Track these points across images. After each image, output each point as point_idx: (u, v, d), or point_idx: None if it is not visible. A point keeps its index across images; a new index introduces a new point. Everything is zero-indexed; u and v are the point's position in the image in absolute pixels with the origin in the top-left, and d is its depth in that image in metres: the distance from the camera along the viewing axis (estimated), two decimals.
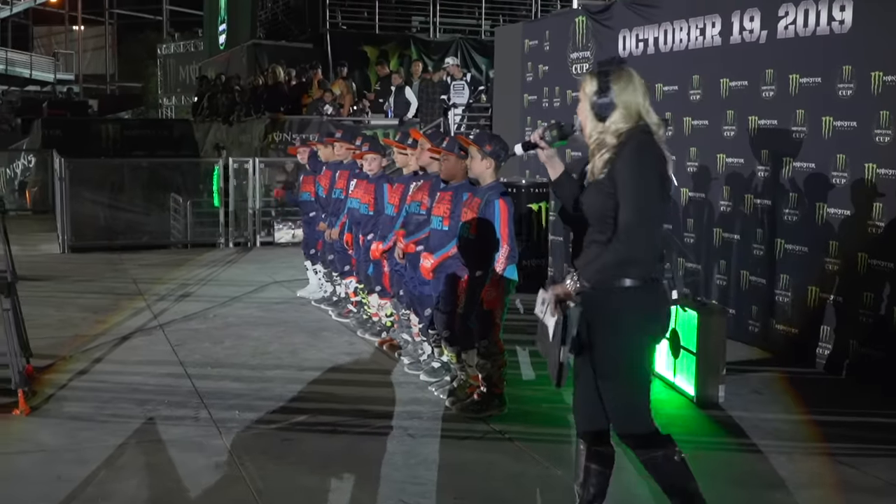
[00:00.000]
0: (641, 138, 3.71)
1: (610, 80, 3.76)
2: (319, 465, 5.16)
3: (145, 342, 7.96)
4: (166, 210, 16.09)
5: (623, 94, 3.75)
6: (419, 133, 7.12)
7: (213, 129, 21.93)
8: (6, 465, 5.11)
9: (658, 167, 3.68)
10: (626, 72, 3.81)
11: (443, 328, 6.36)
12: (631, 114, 3.75)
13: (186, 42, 36.09)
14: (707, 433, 5.90)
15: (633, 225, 3.60)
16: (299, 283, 10.38)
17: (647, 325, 3.79)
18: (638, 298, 3.71)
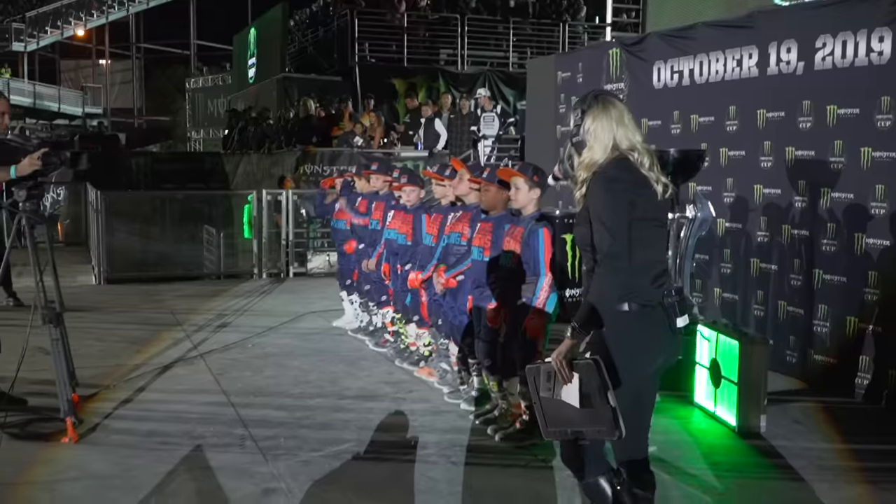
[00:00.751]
0: (607, 170, 3.74)
1: (584, 114, 3.85)
2: (366, 492, 5.25)
3: (187, 371, 8.08)
4: (199, 241, 16.28)
5: (596, 128, 3.81)
6: (460, 163, 7.23)
7: (244, 162, 22.19)
8: (59, 492, 5.21)
9: (626, 194, 3.68)
10: (601, 103, 3.85)
11: (484, 357, 6.45)
12: (605, 146, 3.79)
13: (214, 76, 36.59)
14: (750, 462, 5.94)
15: (605, 254, 3.64)
16: (334, 313, 10.50)
17: (640, 351, 3.74)
18: (629, 323, 3.70)
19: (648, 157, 3.81)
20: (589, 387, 3.57)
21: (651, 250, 3.77)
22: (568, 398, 3.61)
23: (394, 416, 6.73)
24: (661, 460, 5.81)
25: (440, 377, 7.56)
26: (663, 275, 3.80)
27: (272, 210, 14.63)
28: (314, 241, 14.74)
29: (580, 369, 3.59)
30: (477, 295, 6.49)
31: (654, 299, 3.73)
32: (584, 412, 3.60)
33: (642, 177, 3.76)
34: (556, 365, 3.63)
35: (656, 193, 3.77)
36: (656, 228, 3.81)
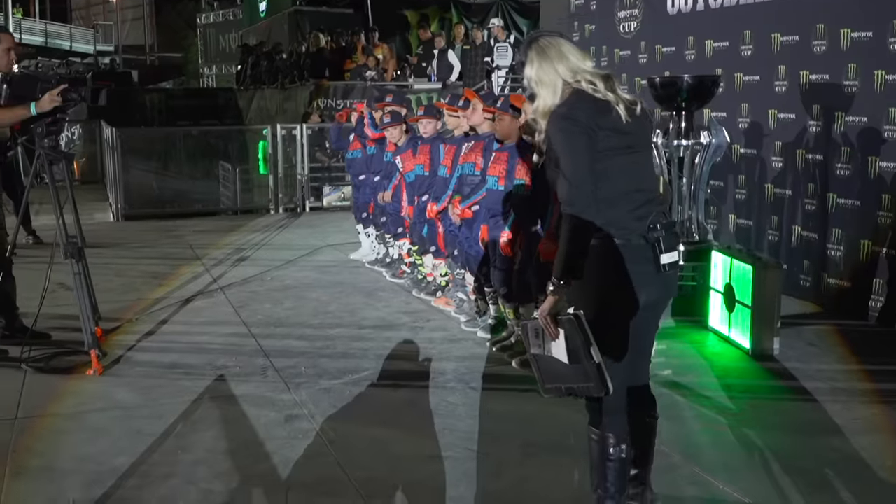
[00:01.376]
0: (560, 108, 3.55)
1: (525, 62, 3.67)
2: (386, 416, 5.37)
3: (207, 304, 8.20)
4: (215, 178, 16.36)
5: (538, 72, 3.63)
6: (473, 94, 7.25)
7: (258, 97, 22.17)
8: (86, 421, 5.34)
9: (581, 130, 3.47)
10: (536, 47, 3.66)
11: (500, 285, 6.53)
12: (554, 87, 3.60)
13: (226, 11, 36.25)
14: (763, 384, 6.03)
15: (568, 194, 3.44)
16: (351, 246, 10.59)
17: (618, 287, 3.55)
18: (604, 258, 3.52)
19: (602, 81, 3.59)
20: (573, 343, 3.47)
21: (625, 180, 3.55)
22: (557, 354, 3.53)
23: (412, 345, 6.83)
24: (675, 384, 5.92)
25: (457, 306, 7.65)
26: (645, 205, 3.58)
27: (287, 145, 14.66)
28: (330, 175, 14.77)
29: (563, 325, 3.47)
30: (492, 224, 6.56)
31: (635, 232, 3.55)
32: (574, 368, 3.51)
33: (600, 105, 3.54)
34: (542, 322, 3.47)
35: (620, 117, 3.54)
36: (629, 155, 3.57)
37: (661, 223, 3.58)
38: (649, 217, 3.57)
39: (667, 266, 3.59)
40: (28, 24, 44.62)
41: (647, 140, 3.84)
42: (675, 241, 3.62)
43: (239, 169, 15.42)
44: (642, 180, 3.65)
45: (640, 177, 3.64)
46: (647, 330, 3.78)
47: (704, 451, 4.90)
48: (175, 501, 4.27)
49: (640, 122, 3.65)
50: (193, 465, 4.66)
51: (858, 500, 4.26)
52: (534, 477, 4.52)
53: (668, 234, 3.58)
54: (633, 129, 3.58)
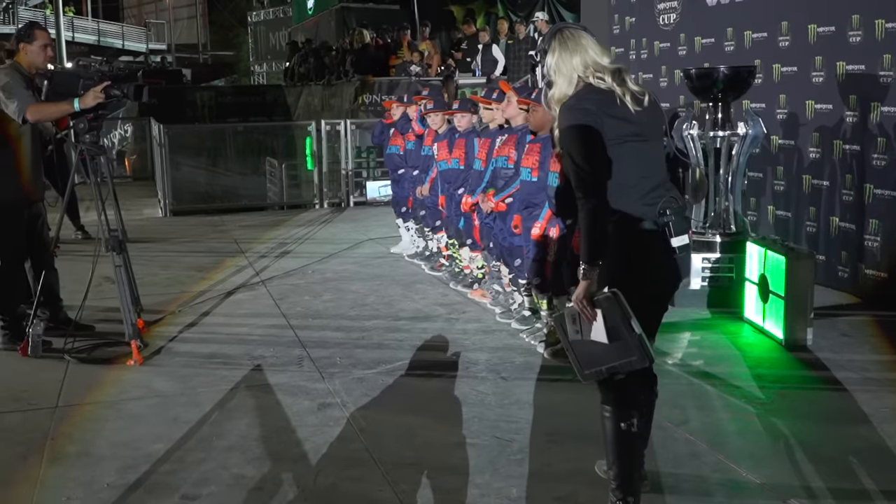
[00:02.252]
0: (569, 100, 3.68)
1: (545, 53, 3.80)
2: (417, 405, 5.45)
3: (249, 297, 8.35)
4: (262, 173, 16.57)
5: (557, 62, 3.75)
6: (508, 85, 7.29)
7: (305, 94, 22.37)
8: (124, 409, 5.48)
9: (589, 120, 3.58)
10: (558, 38, 3.79)
11: (534, 276, 6.58)
12: (569, 78, 3.74)
13: (276, 8, 36.58)
14: (794, 374, 6.02)
15: (580, 181, 3.55)
16: (392, 240, 10.70)
17: (622, 268, 3.64)
18: (613, 240, 3.60)
19: (611, 74, 3.71)
20: (613, 320, 3.59)
21: (634, 167, 3.66)
22: (596, 336, 3.63)
23: (446, 336, 6.91)
24: (706, 374, 5.94)
25: (493, 298, 7.72)
26: (654, 191, 3.69)
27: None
28: (373, 171, 14.89)
29: (601, 304, 3.59)
30: (526, 216, 6.60)
31: (644, 218, 3.66)
32: (614, 346, 3.62)
33: (607, 95, 3.66)
34: (578, 306, 3.60)
35: (628, 107, 3.66)
36: (637, 143, 3.68)
37: (672, 208, 3.68)
38: (659, 202, 3.68)
39: (677, 249, 3.70)
40: (80, 22, 45.35)
41: (657, 129, 3.92)
42: (685, 225, 3.72)
43: (285, 165, 15.60)
44: (651, 168, 3.75)
45: (649, 164, 3.74)
46: (655, 312, 3.86)
47: (731, 439, 4.92)
48: (207, 485, 4.39)
49: (649, 112, 3.75)
50: (227, 451, 4.78)
51: (882, 488, 4.27)
52: (557, 463, 4.57)
53: (678, 218, 3.68)
54: (641, 118, 3.70)
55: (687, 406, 5.33)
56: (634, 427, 3.83)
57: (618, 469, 3.87)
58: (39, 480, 4.50)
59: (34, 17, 41.73)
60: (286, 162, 15.88)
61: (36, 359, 6.44)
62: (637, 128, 3.68)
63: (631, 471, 3.87)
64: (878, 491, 4.24)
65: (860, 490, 4.26)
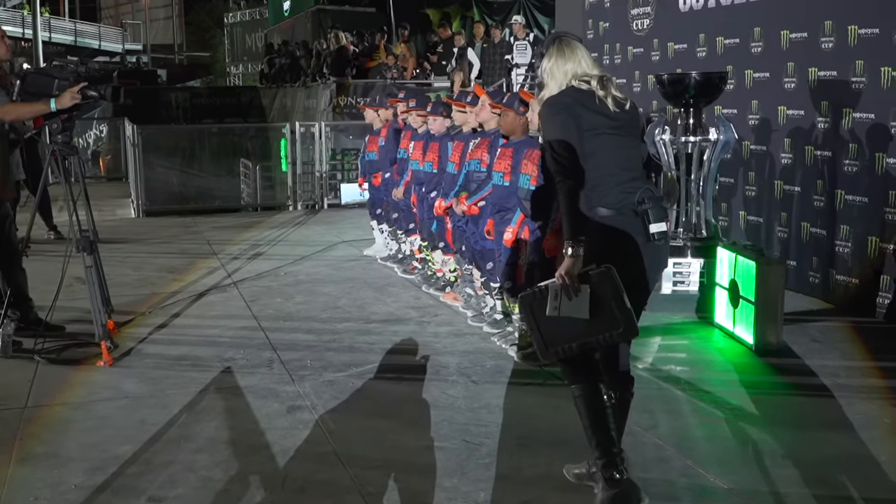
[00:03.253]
0: (551, 97, 4.00)
1: (545, 55, 4.11)
2: (387, 408, 5.42)
3: (220, 299, 8.30)
4: (236, 175, 16.51)
5: (551, 66, 4.06)
6: (482, 89, 7.28)
7: (280, 95, 22.30)
8: (93, 411, 5.42)
9: (566, 111, 3.88)
10: (556, 45, 4.10)
11: (506, 280, 6.56)
12: (560, 83, 4.03)
13: (252, 10, 36.49)
14: (765, 380, 6.03)
15: (556, 164, 3.82)
16: (366, 242, 10.67)
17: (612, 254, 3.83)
18: (598, 227, 3.86)
19: (596, 80, 4.01)
20: (603, 295, 3.73)
21: (612, 158, 3.93)
22: (576, 312, 3.75)
23: (417, 339, 6.89)
24: (676, 379, 5.94)
25: (465, 301, 7.70)
26: (632, 181, 3.92)
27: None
28: (347, 174, 14.87)
29: (592, 279, 3.74)
30: (498, 219, 6.59)
31: (622, 204, 3.88)
32: (595, 321, 3.76)
33: (586, 93, 3.97)
34: (563, 281, 3.75)
35: (606, 105, 3.95)
36: (616, 137, 3.94)
37: (649, 196, 3.90)
38: (637, 192, 3.89)
39: (656, 235, 3.90)
40: (57, 22, 45.02)
41: (635, 130, 4.17)
42: (663, 213, 3.92)
43: (259, 166, 15.56)
44: (629, 161, 4.02)
45: (627, 158, 4.00)
46: (636, 296, 3.95)
47: (699, 444, 4.92)
48: (174, 487, 4.35)
49: (628, 114, 4.04)
50: (195, 454, 4.73)
51: (854, 495, 4.27)
52: (527, 468, 4.55)
53: (655, 206, 3.90)
54: (620, 116, 3.98)
55: (656, 410, 5.32)
56: (611, 398, 4.01)
57: (598, 439, 3.96)
58: (7, 480, 4.45)
59: (11, 17, 41.42)
60: (261, 163, 15.84)
61: (6, 359, 6.38)
62: (616, 123, 3.95)
63: (612, 442, 3.98)
64: (850, 497, 4.24)
65: (831, 496, 4.25)
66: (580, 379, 4.00)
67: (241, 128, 19.07)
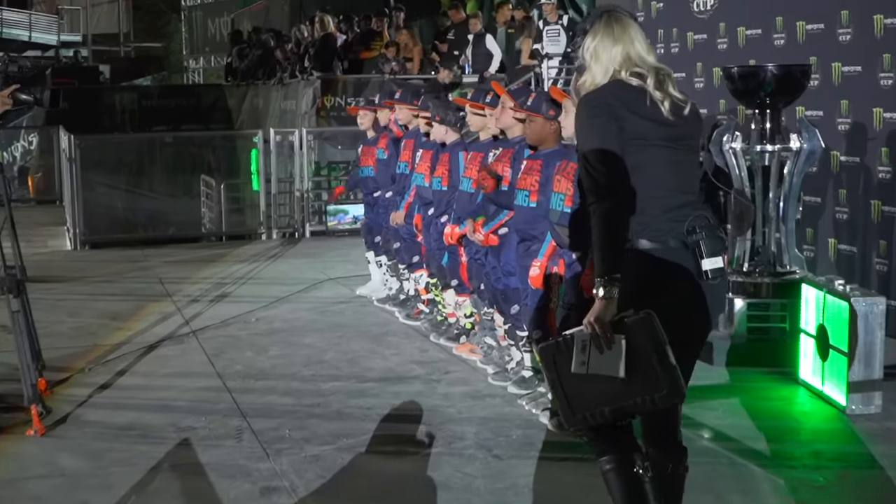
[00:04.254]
0: (592, 92, 3.94)
1: (588, 32, 4.04)
2: (386, 492, 5.43)
3: (176, 352, 8.33)
4: (196, 196, 16.57)
5: (597, 47, 3.99)
6: (501, 88, 7.29)
7: (251, 95, 22.42)
8: (23, 490, 5.45)
9: (609, 114, 3.83)
10: (604, 21, 4.02)
11: (534, 327, 6.55)
12: (606, 68, 3.97)
13: None
14: (859, 450, 6.01)
15: (592, 181, 3.79)
16: (359, 279, 10.70)
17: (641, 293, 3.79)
18: (631, 260, 3.81)
19: (654, 77, 3.94)
20: (642, 348, 3.68)
21: (661, 176, 3.88)
22: (607, 369, 3.69)
23: (424, 402, 6.89)
24: (752, 451, 5.93)
25: (484, 354, 7.70)
26: (682, 207, 3.88)
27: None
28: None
29: (630, 328, 3.68)
30: (522, 251, 6.60)
31: (669, 235, 3.85)
32: (632, 380, 3.70)
33: (637, 93, 3.90)
34: (596, 331, 3.67)
35: (660, 111, 3.88)
36: (667, 150, 3.89)
37: (702, 224, 3.86)
38: (687, 220, 3.85)
39: (710, 273, 3.85)
40: None
41: (693, 142, 4.10)
42: (719, 245, 3.88)
43: (225, 185, 15.63)
44: (682, 181, 3.96)
45: (679, 176, 3.94)
46: (682, 354, 3.88)
47: None
48: None
49: (687, 122, 3.96)
50: None
51: None
52: None
53: (710, 236, 3.85)
54: (676, 125, 3.91)
55: (725, 491, 5.31)
56: (648, 473, 3.96)
57: None
58: None
59: None
60: (226, 181, 15.91)
61: None
62: (669, 132, 3.89)
63: None
64: None
65: None
66: (611, 449, 3.98)
67: (202, 136, 19.18)
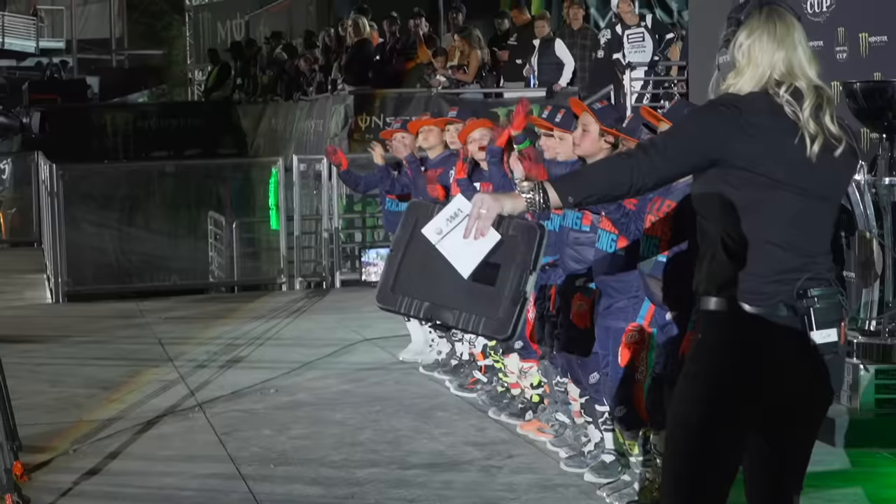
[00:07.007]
0: (724, 95, 3.92)
1: (743, 26, 3.97)
2: None
3: (179, 430, 8.32)
4: (202, 237, 16.64)
5: (752, 46, 3.94)
6: (582, 105, 7.21)
7: (269, 114, 22.53)
8: None
9: (719, 120, 3.85)
10: (765, 15, 3.96)
11: (617, 403, 6.49)
12: (761, 74, 3.91)
13: None
14: None
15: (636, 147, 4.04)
16: (401, 340, 10.66)
17: (731, 367, 3.85)
18: (722, 324, 3.91)
19: (812, 100, 3.84)
20: (508, 257, 3.78)
21: (779, 227, 3.83)
22: (456, 260, 3.78)
23: (483, 495, 6.85)
24: None
25: (555, 434, 7.65)
26: (796, 271, 3.83)
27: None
28: (373, 233, 14.96)
29: (508, 228, 3.77)
30: (603, 307, 6.54)
31: (777, 299, 3.82)
32: (469, 288, 3.81)
33: (784, 123, 3.83)
34: (479, 210, 3.75)
35: (804, 146, 3.80)
36: (797, 197, 3.82)
37: (817, 285, 3.81)
38: (799, 282, 3.79)
39: (819, 348, 3.82)
40: None
41: (836, 191, 4.07)
42: (835, 312, 3.85)
43: (238, 224, 15.67)
44: (809, 238, 3.89)
45: (806, 232, 3.87)
46: (780, 445, 3.95)
47: None
48: None
49: (836, 165, 3.89)
50: None
51: None
52: None
53: (825, 300, 3.81)
54: (821, 168, 3.82)
55: None
56: None
57: None
58: None
59: None
60: (239, 219, 15.96)
61: None
62: (808, 178, 3.81)
63: None
64: None
65: None
66: None
67: (210, 165, 19.23)
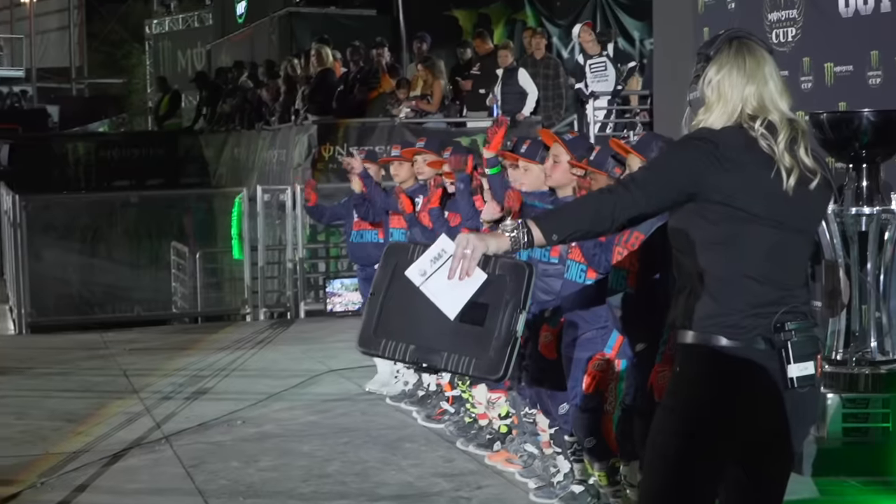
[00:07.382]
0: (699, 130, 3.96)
1: (712, 60, 4.01)
2: None
3: (146, 462, 8.31)
4: (165, 267, 16.61)
5: (722, 81, 3.98)
6: (552, 136, 7.24)
7: (231, 143, 22.54)
8: None
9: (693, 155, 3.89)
10: (734, 49, 4.00)
11: (584, 434, 6.53)
12: (732, 109, 3.95)
13: (188, 14, 37.01)
14: None
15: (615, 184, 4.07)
16: (368, 371, 10.67)
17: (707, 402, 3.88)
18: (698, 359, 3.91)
19: (787, 134, 3.89)
20: (496, 296, 3.78)
21: (755, 261, 3.88)
22: (442, 301, 3.76)
23: None
24: None
25: (524, 465, 7.67)
26: (775, 304, 3.87)
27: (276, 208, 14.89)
28: (337, 263, 14.97)
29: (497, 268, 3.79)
30: (569, 339, 6.58)
31: (754, 332, 3.85)
32: (455, 329, 3.79)
33: (759, 157, 3.87)
34: (463, 250, 3.74)
35: (780, 180, 3.85)
36: (773, 230, 3.88)
37: (792, 318, 3.85)
38: (775, 315, 3.83)
39: (795, 381, 3.85)
40: None
41: (812, 223, 4.17)
42: (811, 346, 3.89)
43: (201, 254, 15.65)
44: (784, 272, 3.94)
45: (781, 266, 3.92)
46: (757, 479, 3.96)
47: None
48: None
49: (811, 198, 3.94)
50: None
51: None
52: None
53: (802, 334, 3.85)
54: (797, 201, 3.88)
55: None
56: None
57: None
58: None
59: None
60: (202, 250, 15.93)
61: None
62: (783, 211, 3.85)
63: None
64: None
65: None
66: None
67: (173, 195, 19.21)
